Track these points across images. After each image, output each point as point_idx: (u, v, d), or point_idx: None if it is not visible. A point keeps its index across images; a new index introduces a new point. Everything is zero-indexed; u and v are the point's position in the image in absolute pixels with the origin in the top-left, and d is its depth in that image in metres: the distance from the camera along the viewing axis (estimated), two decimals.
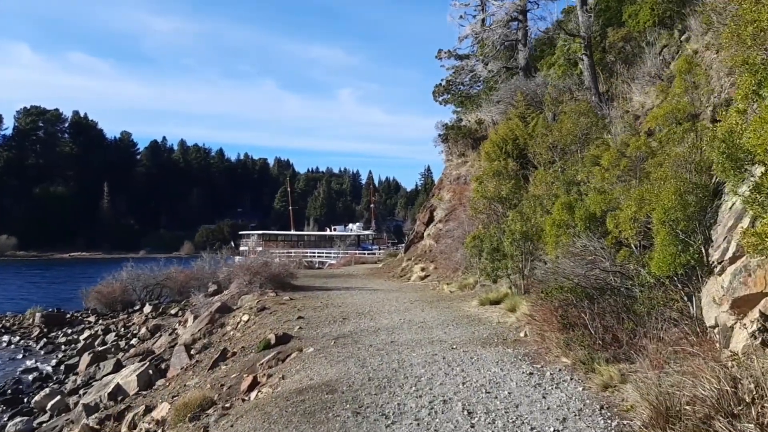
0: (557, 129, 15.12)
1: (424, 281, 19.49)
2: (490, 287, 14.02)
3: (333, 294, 16.61)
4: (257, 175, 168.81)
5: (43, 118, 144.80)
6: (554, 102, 19.11)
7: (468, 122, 28.40)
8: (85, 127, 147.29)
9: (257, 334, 11.77)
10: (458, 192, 23.93)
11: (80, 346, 24.28)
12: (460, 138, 27.18)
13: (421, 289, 17.64)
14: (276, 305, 14.40)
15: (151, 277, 34.38)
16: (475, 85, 36.23)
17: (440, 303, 13.66)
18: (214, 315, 15.94)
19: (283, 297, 15.74)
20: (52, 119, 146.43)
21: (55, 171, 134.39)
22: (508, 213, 16.15)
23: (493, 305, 12.02)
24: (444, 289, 16.30)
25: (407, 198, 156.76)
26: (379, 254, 47.76)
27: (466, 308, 12.37)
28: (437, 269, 20.23)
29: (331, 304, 14.34)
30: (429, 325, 10.47)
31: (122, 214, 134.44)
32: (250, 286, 17.34)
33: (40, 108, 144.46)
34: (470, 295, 14.15)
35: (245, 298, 16.73)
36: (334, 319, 11.99)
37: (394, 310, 12.70)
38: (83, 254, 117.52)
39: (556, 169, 14.96)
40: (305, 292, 16.98)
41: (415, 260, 24.17)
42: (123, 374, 14.31)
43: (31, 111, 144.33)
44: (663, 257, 5.84)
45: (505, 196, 15.88)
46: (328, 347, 9.09)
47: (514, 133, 18.99)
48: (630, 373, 6.00)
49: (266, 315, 13.41)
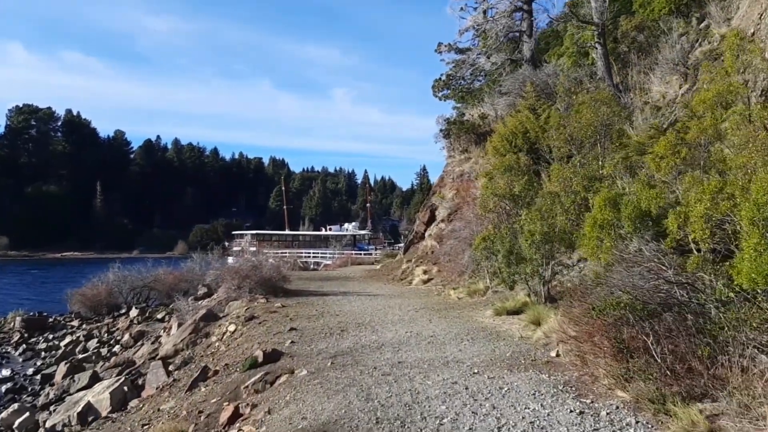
0: (575, 120, 13.77)
1: (427, 285, 18.11)
2: (505, 294, 12.65)
3: (329, 300, 15.21)
4: (252, 174, 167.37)
5: (35, 117, 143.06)
6: (568, 92, 17.77)
7: (471, 117, 27.04)
8: (78, 126, 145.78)
9: (244, 348, 10.37)
10: (462, 190, 22.57)
11: (60, 353, 22.84)
12: (463, 133, 25.82)
13: (425, 294, 16.27)
14: (266, 314, 12.99)
15: (138, 278, 32.85)
16: (476, 80, 34.91)
17: (449, 312, 12.28)
18: (199, 324, 14.51)
19: (274, 304, 14.33)
20: (45, 118, 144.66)
21: (48, 170, 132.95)
22: (520, 212, 14.80)
23: (511, 315, 10.65)
24: (451, 295, 14.92)
25: (403, 198, 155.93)
26: (376, 255, 46.35)
27: (479, 318, 11.00)
28: (441, 272, 18.86)
29: (327, 312, 12.95)
30: (440, 340, 9.09)
31: (116, 214, 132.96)
32: (239, 291, 15.92)
33: (32, 106, 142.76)
34: (482, 303, 12.78)
35: (233, 304, 15.31)
36: (331, 331, 10.59)
37: (398, 320, 11.31)
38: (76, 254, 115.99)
39: (574, 164, 13.61)
40: (299, 298, 15.58)
41: (416, 262, 22.79)
42: (96, 390, 12.88)
43: (24, 109, 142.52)
44: (757, 266, 4.49)
45: (517, 193, 14.52)
46: (324, 369, 7.69)
47: (524, 126, 17.64)
48: (715, 416, 4.64)
49: (255, 325, 12.00)
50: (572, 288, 8.68)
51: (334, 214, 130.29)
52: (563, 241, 10.87)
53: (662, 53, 17.82)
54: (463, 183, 23.00)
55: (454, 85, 35.44)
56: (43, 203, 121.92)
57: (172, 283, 30.99)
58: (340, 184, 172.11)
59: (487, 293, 13.53)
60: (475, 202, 19.02)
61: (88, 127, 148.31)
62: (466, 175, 23.48)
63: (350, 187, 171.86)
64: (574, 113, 14.26)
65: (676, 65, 16.01)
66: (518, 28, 28.31)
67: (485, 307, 12.05)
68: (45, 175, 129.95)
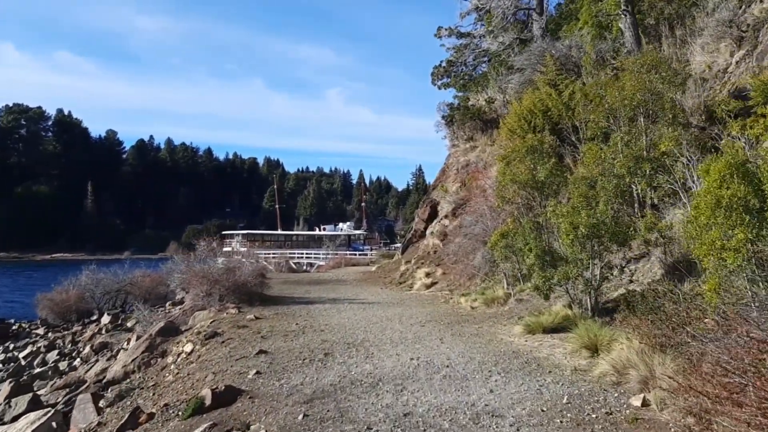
0: (617, 90, 11.20)
1: (431, 291, 15.53)
2: (533, 303, 10.09)
3: (315, 310, 12.60)
4: (246, 174, 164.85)
5: (25, 116, 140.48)
6: (595, 64, 15.24)
7: (476, 102, 24.50)
8: (69, 126, 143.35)
9: (195, 379, 7.76)
10: (469, 181, 20.03)
11: (13, 367, 20.16)
12: (468, 120, 23.28)
13: (430, 302, 13.69)
14: (234, 329, 10.38)
15: (114, 282, 30.12)
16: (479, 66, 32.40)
17: (463, 326, 9.70)
18: (155, 339, 11.88)
19: (246, 315, 11.72)
20: (35, 117, 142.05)
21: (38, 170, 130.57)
22: (545, 202, 12.24)
23: (548, 334, 8.07)
24: (461, 303, 12.34)
25: (398, 198, 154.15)
26: (372, 255, 43.74)
27: (505, 337, 8.42)
28: (446, 275, 16.30)
29: (310, 326, 10.34)
30: (460, 373, 6.51)
31: (107, 214, 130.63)
32: (209, 299, 13.32)
33: (22, 106, 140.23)
34: (504, 315, 10.18)
35: (199, 315, 12.70)
36: (312, 355, 7.99)
37: (399, 339, 8.73)
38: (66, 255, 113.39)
39: (615, 142, 11.06)
40: (279, 307, 12.97)
41: (416, 263, 20.21)
42: (18, 426, 10.29)
43: (13, 109, 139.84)
44: None
45: (542, 179, 11.96)
46: (292, 427, 5.10)
47: (544, 103, 15.10)
48: None
49: (216, 345, 9.39)
50: (630, 297, 6.13)
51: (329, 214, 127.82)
52: (615, 236, 8.31)
53: (703, 20, 15.33)
54: (470, 173, 20.44)
55: (455, 72, 32.90)
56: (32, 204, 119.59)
57: (149, 286, 28.28)
58: (335, 184, 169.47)
59: (508, 302, 10.95)
60: (485, 194, 16.48)
61: (79, 126, 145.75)
62: (472, 164, 20.93)
63: (345, 187, 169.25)
64: (612, 83, 11.69)
65: (729, 28, 13.47)
66: (526, 5, 25.86)
67: (510, 321, 9.47)
68: (35, 176, 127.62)
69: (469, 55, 32.03)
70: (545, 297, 8.69)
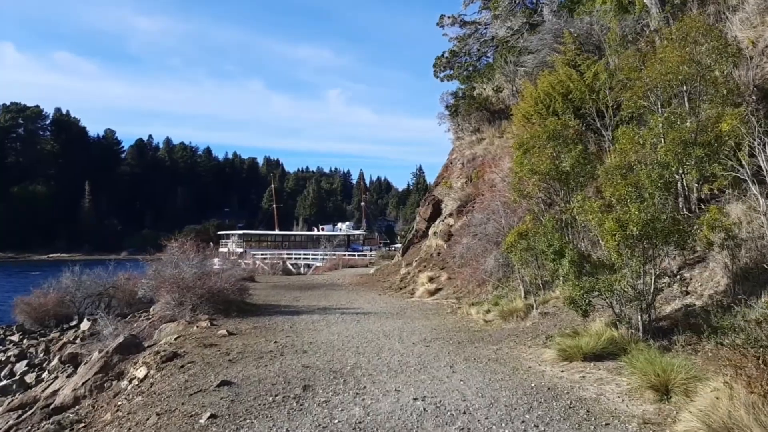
0: (658, 62, 9.42)
1: (436, 298, 13.75)
2: (561, 317, 8.32)
3: (301, 322, 10.81)
4: (246, 174, 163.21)
5: (23, 115, 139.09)
6: (621, 42, 13.45)
7: (483, 92, 22.74)
8: (67, 125, 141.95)
9: (133, 422, 5.97)
10: (476, 176, 18.27)
11: None
12: (474, 110, 21.52)
13: (434, 311, 11.91)
14: (199, 348, 8.60)
15: (97, 284, 28.31)
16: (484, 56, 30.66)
17: (478, 346, 7.92)
18: (111, 358, 10.09)
19: (219, 329, 9.93)
20: (33, 116, 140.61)
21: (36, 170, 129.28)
22: (571, 195, 10.48)
23: (590, 362, 6.28)
24: (472, 315, 10.56)
25: (399, 198, 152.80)
26: (371, 256, 42.00)
27: (534, 365, 6.63)
28: (452, 280, 14.53)
29: (291, 345, 8.56)
30: (482, 425, 4.73)
31: (105, 215, 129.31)
32: (180, 308, 11.55)
33: (20, 105, 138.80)
34: (527, 333, 8.39)
35: (166, 328, 10.92)
36: (287, 389, 6.21)
37: (399, 366, 6.95)
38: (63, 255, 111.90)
39: (655, 125, 9.27)
40: (259, 319, 11.18)
41: (418, 266, 18.43)
42: None
43: (11, 108, 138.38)
44: None
45: (567, 169, 10.19)
46: None
47: (564, 85, 13.31)
48: None
49: (173, 371, 7.61)
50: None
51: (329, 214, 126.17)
52: (671, 237, 6.54)
53: None
54: (477, 167, 18.67)
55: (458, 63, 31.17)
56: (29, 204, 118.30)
57: (132, 290, 26.47)
58: (335, 184, 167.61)
59: (530, 315, 9.15)
60: (493, 190, 14.71)
61: (77, 126, 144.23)
62: (479, 158, 19.16)
63: (345, 187, 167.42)
64: (652, 55, 9.91)
65: None
66: None
67: (536, 342, 7.68)
68: (32, 175, 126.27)
69: (474, 45, 30.29)
70: (583, 313, 6.90)
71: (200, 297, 11.42)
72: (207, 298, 11.48)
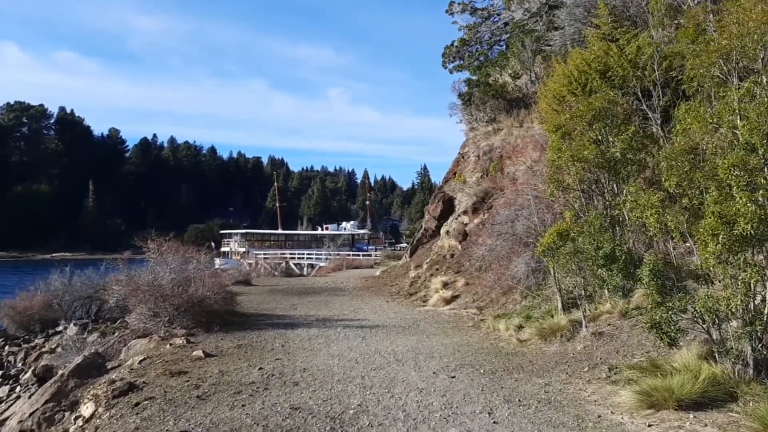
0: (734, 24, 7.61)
1: (452, 307, 11.96)
2: (624, 340, 6.53)
3: (296, 339, 9.05)
4: (250, 173, 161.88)
5: (27, 114, 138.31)
6: (669, 12, 11.62)
7: (498, 78, 20.92)
8: (71, 124, 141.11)
9: None
10: (494, 169, 16.49)
11: None
12: (489, 98, 19.70)
13: (453, 324, 10.13)
14: (163, 377, 6.85)
15: (87, 287, 26.64)
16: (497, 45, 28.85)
17: (519, 380, 6.13)
18: (66, 383, 8.36)
19: (195, 348, 8.19)
20: (37, 115, 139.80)
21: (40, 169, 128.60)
22: (621, 187, 8.68)
23: (690, 412, 4.50)
24: (500, 331, 8.78)
25: (404, 197, 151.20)
26: (376, 256, 40.22)
27: (605, 412, 4.84)
28: (471, 286, 12.75)
29: (279, 374, 6.81)
30: None
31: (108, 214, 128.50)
32: (155, 320, 9.84)
33: (24, 104, 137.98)
34: (579, 360, 6.57)
35: (136, 344, 9.19)
36: None
37: (419, 411, 5.18)
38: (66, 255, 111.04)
39: (731, 99, 7.47)
40: (246, 334, 9.42)
41: (429, 269, 16.65)
42: None
43: (15, 107, 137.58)
44: None
45: (617, 155, 8.41)
46: None
47: (601, 61, 11.50)
48: None
49: (125, 410, 5.87)
50: None
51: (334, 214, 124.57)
52: None
53: None
54: (494, 160, 16.87)
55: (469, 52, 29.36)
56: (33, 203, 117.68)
57: None
58: (339, 183, 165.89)
59: (578, 335, 7.34)
60: (515, 184, 12.93)
61: (81, 124, 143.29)
62: (496, 150, 17.36)
63: (350, 186, 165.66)
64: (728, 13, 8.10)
65: None
66: None
67: (595, 373, 5.89)
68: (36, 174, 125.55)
69: (486, 32, 28.50)
70: (670, 342, 5.09)
71: (177, 308, 9.69)
72: (186, 308, 9.75)
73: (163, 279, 10.24)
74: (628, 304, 7.73)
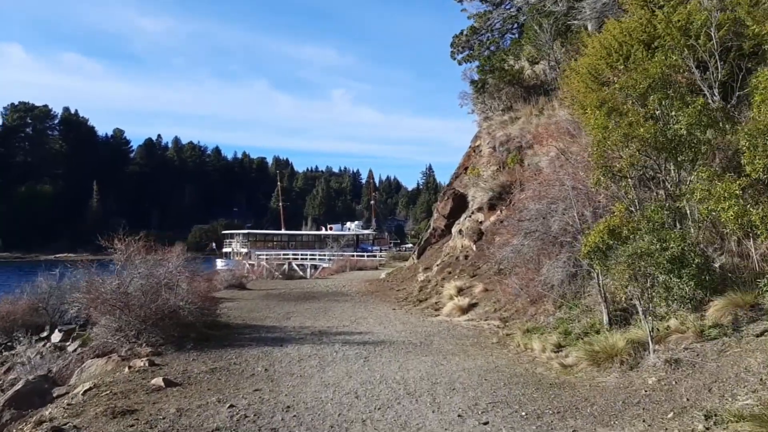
0: None
1: (470, 317, 10.29)
2: (710, 368, 4.88)
3: (284, 359, 7.42)
4: (255, 174, 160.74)
5: (31, 115, 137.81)
6: None
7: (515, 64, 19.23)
8: (76, 124, 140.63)
9: None
10: (512, 160, 14.82)
11: None
12: (504, 85, 18.04)
13: (474, 340, 8.47)
14: (103, 418, 5.23)
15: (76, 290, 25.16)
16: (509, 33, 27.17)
17: (575, 427, 4.49)
18: (1, 415, 6.85)
19: (157, 373, 6.58)
20: (41, 116, 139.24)
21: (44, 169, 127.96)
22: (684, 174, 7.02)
23: None
24: (535, 350, 7.12)
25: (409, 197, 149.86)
26: (381, 256, 38.56)
27: None
28: (490, 292, 11.09)
29: (255, 414, 5.18)
30: None
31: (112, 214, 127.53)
32: (119, 335, 8.24)
33: (28, 104, 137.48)
34: (653, 397, 4.90)
35: (92, 365, 7.58)
36: None
37: None
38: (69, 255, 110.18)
39: None
40: (224, 353, 7.80)
41: (440, 272, 14.99)
42: None
43: (19, 107, 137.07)
44: None
45: (683, 132, 6.74)
46: None
47: (645, 30, 9.83)
48: None
49: None
50: None
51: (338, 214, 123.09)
52: None
53: None
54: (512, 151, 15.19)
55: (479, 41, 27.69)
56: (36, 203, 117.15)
57: None
58: (344, 183, 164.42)
59: (644, 361, 5.66)
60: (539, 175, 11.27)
61: (85, 125, 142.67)
62: (514, 140, 15.68)
63: (355, 187, 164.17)
64: None
65: None
66: None
67: (684, 420, 4.26)
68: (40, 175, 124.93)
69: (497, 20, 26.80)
70: None
71: (144, 320, 8.09)
72: (155, 321, 8.15)
73: (129, 286, 8.64)
74: (702, 320, 6.07)
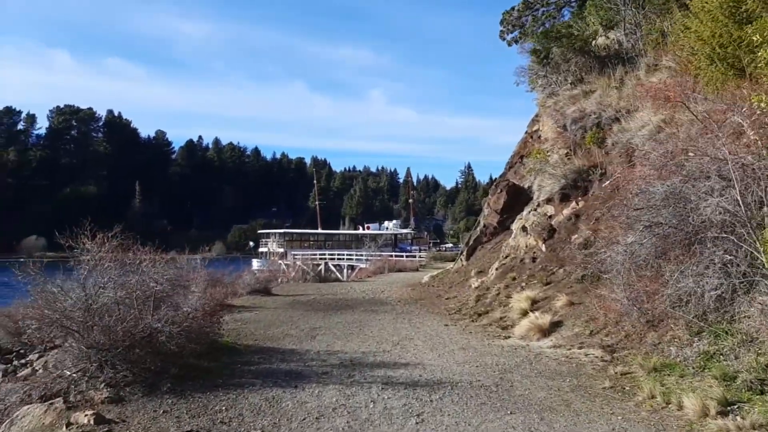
0: None
1: (555, 342, 7.55)
2: None
3: (295, 415, 4.93)
4: (293, 174, 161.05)
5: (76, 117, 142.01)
6: None
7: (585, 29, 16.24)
8: (119, 126, 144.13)
9: None
10: (590, 139, 11.98)
11: None
12: (573, 55, 15.15)
13: (573, 383, 5.78)
14: None
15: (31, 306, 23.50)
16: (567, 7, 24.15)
17: None
18: None
19: None
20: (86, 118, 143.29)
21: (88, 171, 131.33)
22: None
23: None
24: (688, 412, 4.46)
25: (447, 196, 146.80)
26: (421, 257, 35.88)
27: None
28: (576, 306, 8.35)
29: None
30: None
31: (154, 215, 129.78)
32: (73, 369, 5.95)
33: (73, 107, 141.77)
34: None
35: (25, 418, 5.29)
36: None
37: None
38: None
39: None
40: (212, 398, 5.40)
41: (501, 278, 12.25)
42: None
43: (65, 110, 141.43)
44: None
45: None
46: None
47: None
48: None
49: None
50: None
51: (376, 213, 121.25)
52: None
53: None
54: (589, 128, 12.33)
55: (534, 15, 24.72)
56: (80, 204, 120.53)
57: None
58: (381, 183, 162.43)
59: None
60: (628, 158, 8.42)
61: (128, 127, 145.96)
62: (590, 116, 12.81)
63: (392, 186, 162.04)
64: None
65: None
66: None
67: None
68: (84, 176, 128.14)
69: None
70: None
71: (109, 348, 5.77)
72: (125, 349, 5.82)
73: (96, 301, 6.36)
74: None
